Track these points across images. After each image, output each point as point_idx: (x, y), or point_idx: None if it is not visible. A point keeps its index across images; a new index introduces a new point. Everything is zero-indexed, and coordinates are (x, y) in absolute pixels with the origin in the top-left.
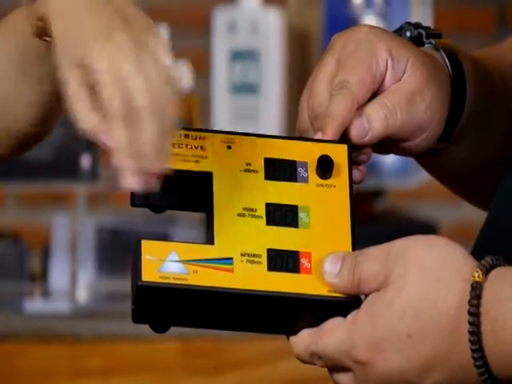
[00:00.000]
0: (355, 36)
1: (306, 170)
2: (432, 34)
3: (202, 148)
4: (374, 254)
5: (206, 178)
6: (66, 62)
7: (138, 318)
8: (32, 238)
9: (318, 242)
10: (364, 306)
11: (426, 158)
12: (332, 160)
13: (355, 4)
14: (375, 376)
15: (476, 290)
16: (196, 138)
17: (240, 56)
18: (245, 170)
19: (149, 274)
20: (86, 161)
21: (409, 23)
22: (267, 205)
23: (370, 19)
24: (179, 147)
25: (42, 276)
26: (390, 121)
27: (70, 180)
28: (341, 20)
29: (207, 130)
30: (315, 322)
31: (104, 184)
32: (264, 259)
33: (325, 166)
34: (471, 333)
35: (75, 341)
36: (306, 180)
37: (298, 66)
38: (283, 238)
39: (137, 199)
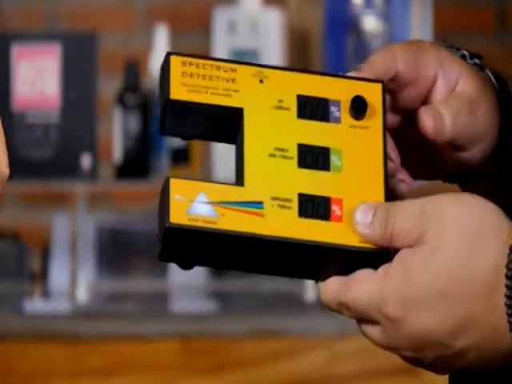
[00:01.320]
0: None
1: (339, 110)
2: (475, 54)
3: (233, 81)
4: (408, 208)
5: (236, 114)
6: None
7: (164, 256)
8: (32, 238)
9: (349, 188)
10: (396, 260)
11: (469, 183)
12: (366, 101)
13: (355, 4)
14: (405, 333)
15: None
16: (227, 70)
17: (240, 56)
18: (277, 107)
19: (177, 216)
20: (86, 160)
21: (450, 46)
22: (299, 145)
23: (370, 19)
24: (210, 79)
25: (42, 276)
26: (458, 120)
27: (70, 179)
28: (341, 20)
29: (239, 62)
30: (344, 270)
31: (104, 183)
32: (295, 204)
33: (358, 107)
34: (508, 297)
35: (75, 341)
36: (338, 120)
37: (298, 65)
38: (314, 182)
39: (167, 128)
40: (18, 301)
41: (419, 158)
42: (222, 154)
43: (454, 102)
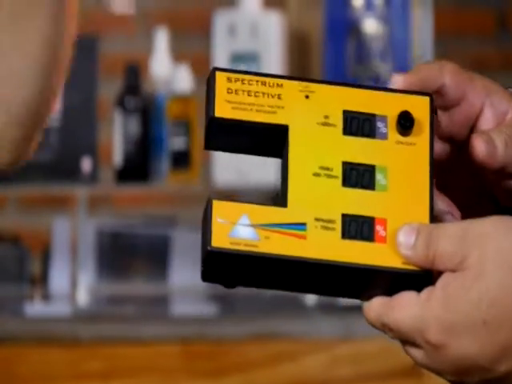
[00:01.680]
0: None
1: (386, 126)
2: None
3: (279, 97)
4: (451, 231)
5: (281, 131)
6: None
7: (207, 277)
8: (32, 241)
9: (394, 208)
10: (438, 285)
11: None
12: (413, 117)
13: (355, 7)
14: (447, 358)
15: None
16: (273, 86)
17: (240, 59)
18: (322, 124)
19: (219, 239)
20: (86, 164)
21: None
22: (344, 163)
23: (370, 22)
24: (256, 96)
25: (43, 279)
26: (510, 146)
27: (71, 183)
28: (341, 23)
29: (285, 77)
30: (388, 291)
31: (104, 187)
32: (338, 225)
33: (405, 123)
34: None
35: (75, 344)
36: (385, 136)
37: (298, 68)
38: (359, 202)
39: (211, 144)
40: (18, 304)
41: (468, 191)
42: (223, 157)
43: (505, 129)
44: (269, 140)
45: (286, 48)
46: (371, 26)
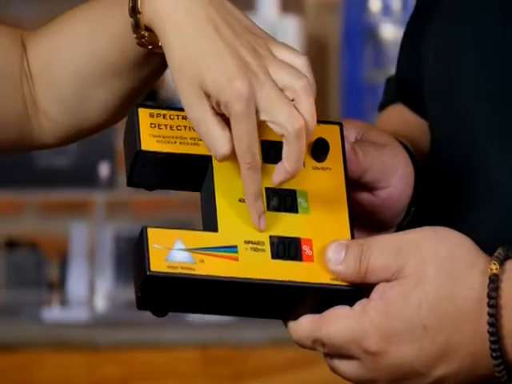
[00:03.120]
0: None
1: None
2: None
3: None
4: (383, 244)
5: (204, 162)
6: (187, 85)
7: (143, 305)
8: (50, 247)
9: (317, 228)
10: (375, 296)
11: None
12: (328, 143)
13: (373, 12)
14: (385, 365)
15: (494, 283)
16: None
17: None
18: None
19: (157, 264)
20: (104, 169)
21: None
22: (266, 189)
23: (387, 27)
24: (178, 129)
25: (60, 284)
26: (367, 152)
27: (89, 188)
28: (359, 27)
29: None
30: (317, 308)
31: (122, 192)
32: (267, 247)
33: (320, 150)
34: (491, 324)
35: (93, 349)
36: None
37: (315, 73)
38: (284, 224)
39: (135, 179)
40: (35, 309)
41: (363, 221)
42: None
43: (362, 143)
44: (192, 171)
45: (304, 52)
46: (388, 30)
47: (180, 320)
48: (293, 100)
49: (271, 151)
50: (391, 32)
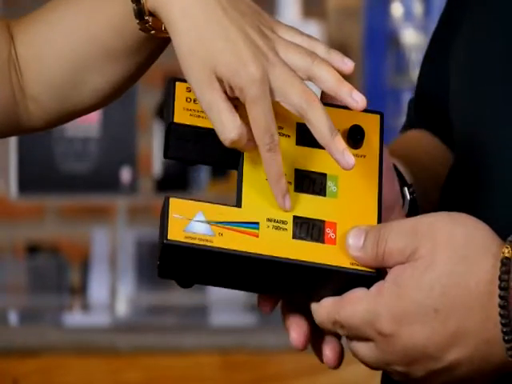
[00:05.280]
0: None
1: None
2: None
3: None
4: (400, 227)
5: None
6: (199, 70)
7: (163, 273)
8: (72, 252)
9: (344, 213)
10: (389, 278)
11: None
12: (363, 130)
13: (395, 17)
14: (397, 348)
15: (506, 266)
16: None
17: None
18: (278, 134)
19: (175, 233)
20: (125, 174)
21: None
22: (296, 171)
23: (409, 32)
24: None
25: (82, 289)
26: None
27: (110, 193)
28: (380, 33)
29: None
30: (337, 291)
31: (144, 197)
32: (290, 226)
33: (356, 136)
34: (502, 307)
35: (114, 354)
36: None
37: None
38: (310, 206)
39: (170, 152)
40: (57, 314)
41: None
42: None
43: None
44: (225, 148)
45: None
46: (410, 36)
47: (201, 325)
48: (307, 79)
49: (306, 134)
50: (413, 37)
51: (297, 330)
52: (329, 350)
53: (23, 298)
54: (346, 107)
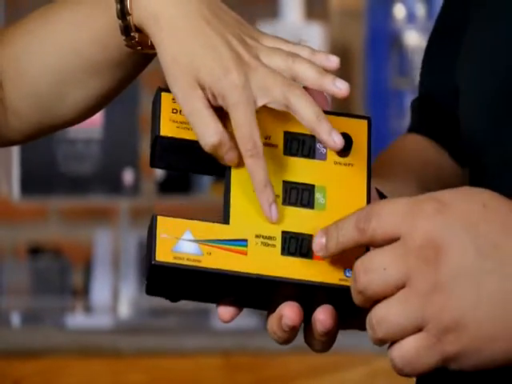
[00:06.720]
0: None
1: (325, 147)
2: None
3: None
4: (391, 206)
5: None
6: (182, 77)
7: (151, 291)
8: (74, 253)
9: None
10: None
11: None
12: (351, 138)
13: (397, 19)
14: (444, 273)
15: None
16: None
17: None
18: (264, 144)
19: (163, 254)
20: (128, 176)
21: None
22: (284, 182)
23: (412, 34)
24: None
25: (84, 291)
26: None
27: (113, 195)
28: (383, 35)
29: None
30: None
31: (146, 199)
32: (278, 242)
33: (344, 145)
34: None
35: (117, 356)
36: (324, 157)
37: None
38: (298, 220)
39: (157, 162)
40: (59, 316)
41: None
42: None
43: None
44: (212, 159)
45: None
46: (413, 38)
47: (202, 327)
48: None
49: (293, 143)
50: (416, 39)
51: (288, 308)
52: (323, 314)
53: (26, 299)
54: (332, 113)
